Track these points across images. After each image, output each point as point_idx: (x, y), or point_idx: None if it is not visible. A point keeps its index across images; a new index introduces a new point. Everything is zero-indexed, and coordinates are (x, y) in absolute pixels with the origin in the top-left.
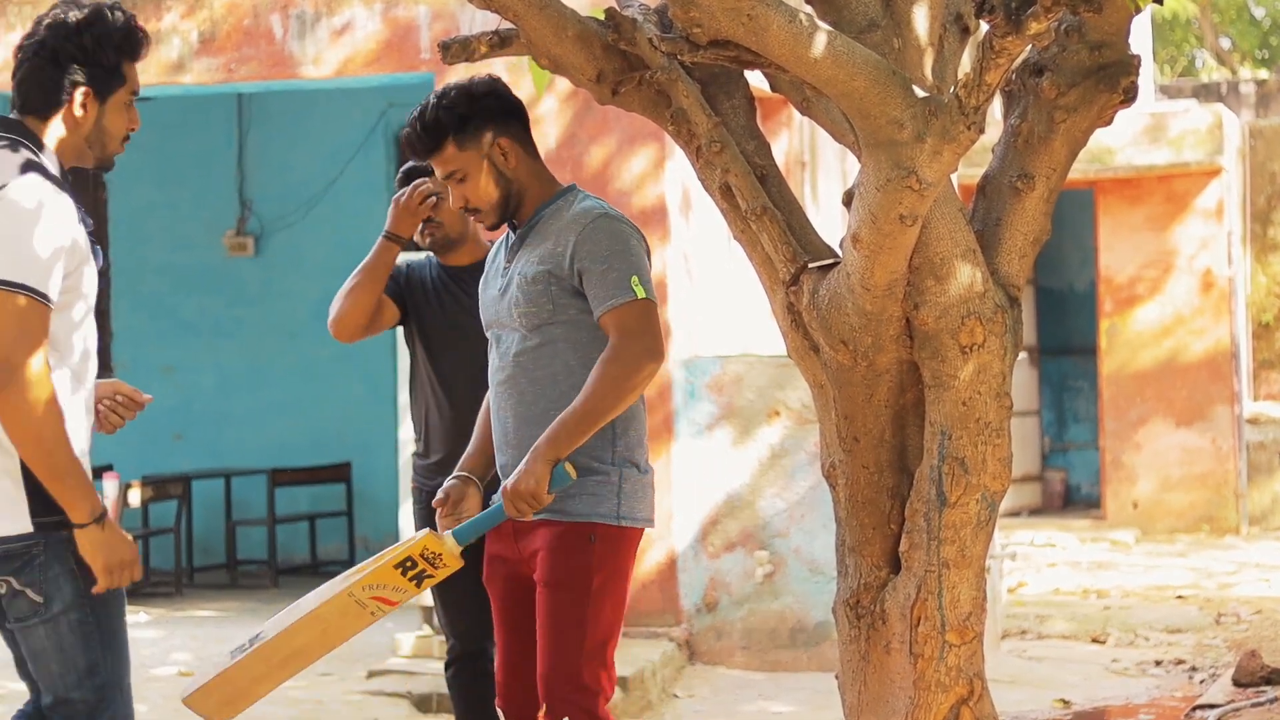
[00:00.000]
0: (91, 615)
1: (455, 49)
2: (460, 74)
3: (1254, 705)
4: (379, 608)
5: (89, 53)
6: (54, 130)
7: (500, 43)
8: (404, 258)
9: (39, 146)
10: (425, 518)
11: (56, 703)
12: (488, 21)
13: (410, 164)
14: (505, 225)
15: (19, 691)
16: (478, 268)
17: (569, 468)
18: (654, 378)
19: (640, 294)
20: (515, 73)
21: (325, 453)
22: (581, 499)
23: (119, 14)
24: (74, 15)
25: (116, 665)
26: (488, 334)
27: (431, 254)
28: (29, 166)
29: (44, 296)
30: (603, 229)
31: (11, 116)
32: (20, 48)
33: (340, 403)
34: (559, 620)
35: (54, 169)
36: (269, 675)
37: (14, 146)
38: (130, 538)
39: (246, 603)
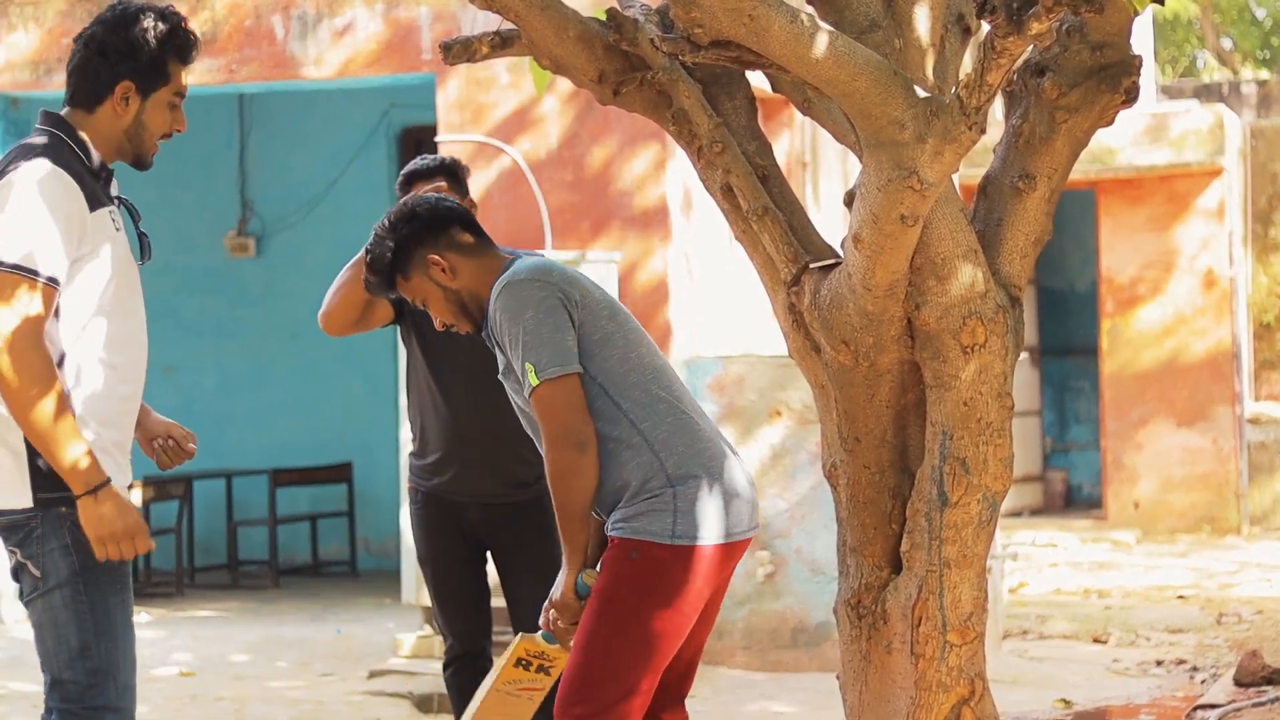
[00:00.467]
0: (85, 595)
1: (457, 50)
2: (461, 75)
3: (1255, 705)
4: (530, 695)
5: (134, 47)
6: (95, 122)
7: (502, 43)
8: None
9: (72, 138)
10: (421, 517)
11: (53, 683)
12: (489, 22)
13: (411, 168)
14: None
15: (19, 691)
16: None
17: (585, 577)
18: (586, 454)
19: (534, 381)
20: (516, 73)
21: (326, 453)
22: (639, 518)
23: (170, 13)
24: (125, 11)
25: (111, 653)
26: None
27: None
28: (41, 152)
29: (37, 274)
30: (499, 310)
31: (61, 111)
32: (74, 40)
33: (341, 403)
34: (582, 628)
35: (85, 159)
36: None
37: (43, 135)
38: (135, 509)
39: (247, 603)
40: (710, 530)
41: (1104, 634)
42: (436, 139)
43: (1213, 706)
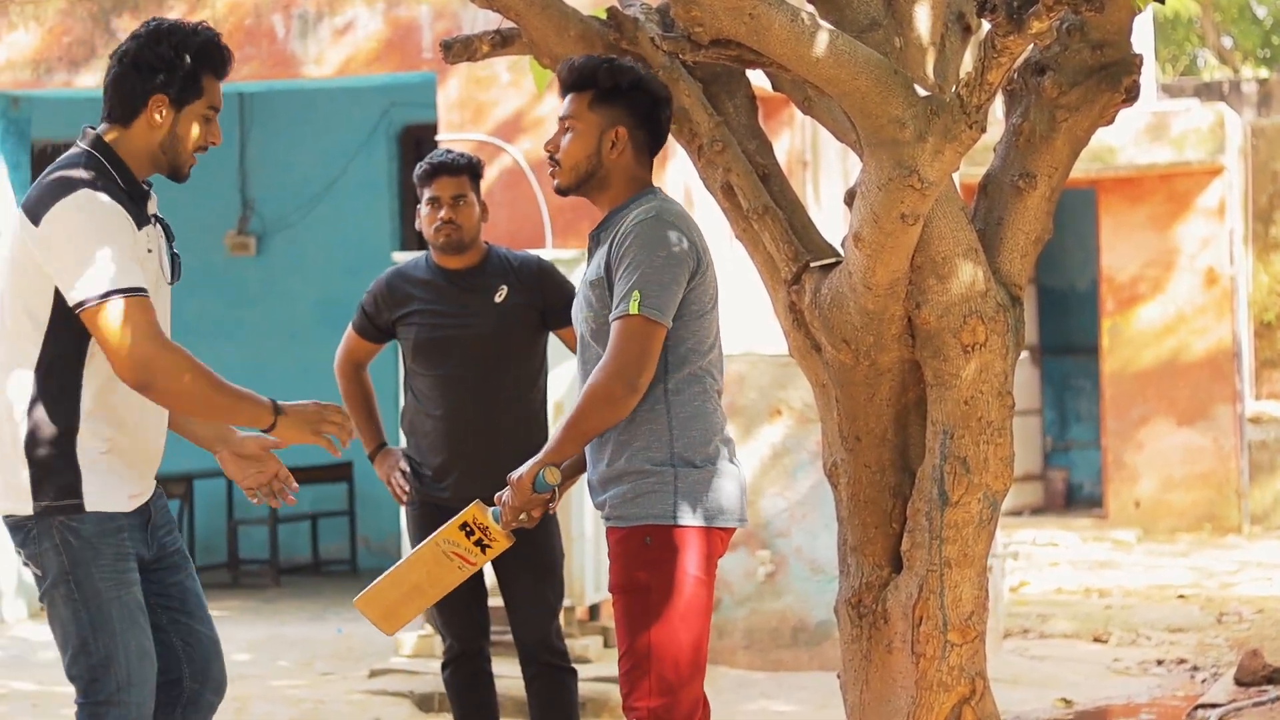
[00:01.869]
0: (78, 593)
1: (457, 48)
2: (461, 74)
3: (1256, 704)
4: (462, 564)
5: (167, 61)
6: (131, 136)
7: (502, 42)
8: (396, 256)
9: (111, 160)
10: (418, 521)
11: (69, 677)
12: (490, 21)
13: (439, 159)
14: (569, 196)
15: (19, 691)
16: (471, 271)
17: (547, 473)
18: (630, 397)
19: (633, 309)
20: (517, 72)
21: (327, 452)
22: (637, 502)
23: (203, 29)
24: (159, 27)
25: (109, 649)
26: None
27: (427, 254)
28: (82, 184)
29: (131, 290)
30: (637, 233)
31: (98, 128)
32: (110, 56)
33: (341, 403)
34: (620, 627)
35: (122, 180)
36: (406, 601)
37: (80, 159)
38: (311, 403)
39: (248, 602)
40: (708, 514)
41: (1105, 633)
42: (437, 138)
43: (1213, 706)
